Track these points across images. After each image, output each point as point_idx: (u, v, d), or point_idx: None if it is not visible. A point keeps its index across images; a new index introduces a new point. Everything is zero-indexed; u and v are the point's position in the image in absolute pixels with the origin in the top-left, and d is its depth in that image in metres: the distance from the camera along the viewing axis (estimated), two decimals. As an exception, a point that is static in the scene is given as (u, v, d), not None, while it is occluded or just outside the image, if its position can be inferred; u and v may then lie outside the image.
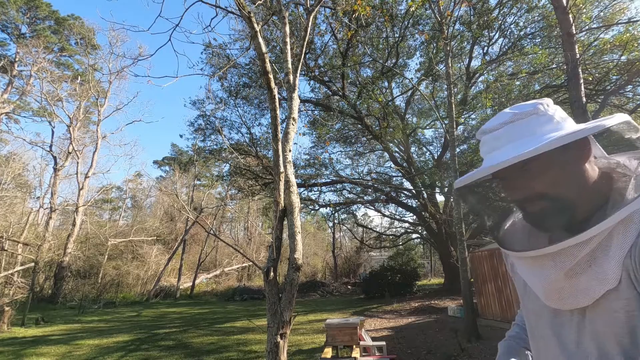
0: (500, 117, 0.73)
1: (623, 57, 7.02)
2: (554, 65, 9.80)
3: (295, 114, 3.72)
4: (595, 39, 8.17)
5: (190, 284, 19.98)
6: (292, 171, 3.53)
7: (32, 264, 13.01)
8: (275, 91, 3.47)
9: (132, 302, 16.97)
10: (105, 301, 15.72)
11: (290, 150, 3.60)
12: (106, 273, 19.12)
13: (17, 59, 20.52)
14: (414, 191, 14.54)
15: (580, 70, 5.91)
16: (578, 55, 5.94)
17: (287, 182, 3.45)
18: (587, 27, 7.91)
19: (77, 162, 19.29)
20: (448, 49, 7.68)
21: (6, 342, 8.01)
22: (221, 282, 22.33)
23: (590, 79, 7.89)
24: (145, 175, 34.87)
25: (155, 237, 21.59)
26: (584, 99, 5.80)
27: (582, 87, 5.88)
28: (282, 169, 3.43)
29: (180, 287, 19.50)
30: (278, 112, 3.47)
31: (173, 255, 20.46)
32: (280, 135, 3.53)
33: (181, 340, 8.03)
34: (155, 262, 20.72)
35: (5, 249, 13.86)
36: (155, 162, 37.33)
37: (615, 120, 0.63)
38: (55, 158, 19.55)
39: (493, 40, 10.93)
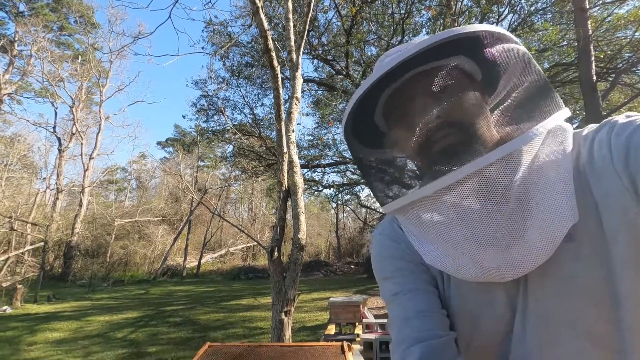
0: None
1: (637, 34, 6.78)
2: (564, 43, 9.51)
3: (299, 94, 3.66)
4: (609, 14, 7.88)
5: (196, 263, 20.38)
6: (295, 152, 3.51)
7: (42, 244, 13.30)
8: (278, 70, 3.41)
9: (139, 280, 17.39)
10: (114, 279, 16.12)
11: (293, 131, 3.57)
12: (114, 252, 19.53)
13: (16, 38, 20.24)
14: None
15: (592, 47, 5.73)
16: (590, 32, 5.75)
17: (291, 162, 3.43)
18: (600, 1, 7.61)
19: (81, 143, 19.36)
20: (456, 25, 7.45)
21: (20, 318, 8.29)
22: (226, 262, 22.75)
23: (602, 56, 7.66)
24: (149, 156, 35.01)
25: (160, 218, 21.88)
26: (594, 77, 5.65)
27: (593, 64, 5.72)
28: (285, 150, 3.41)
29: (187, 266, 19.90)
30: (281, 91, 3.41)
31: (179, 235, 20.78)
32: (283, 116, 3.49)
33: (188, 317, 8.26)
34: (161, 242, 21.09)
35: (15, 229, 14.11)
36: (158, 143, 37.35)
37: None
38: (59, 139, 19.62)
39: (502, 17, 10.57)
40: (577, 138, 0.52)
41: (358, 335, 4.66)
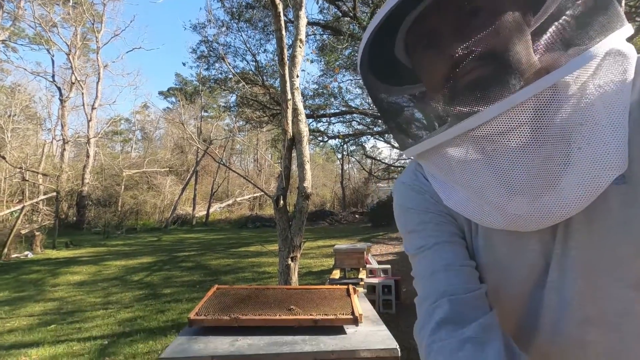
0: None
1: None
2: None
3: (303, 35, 3.43)
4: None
5: (205, 212, 20.99)
6: (299, 99, 3.37)
7: (54, 194, 13.64)
8: (280, 7, 3.16)
9: (151, 228, 18.07)
10: (127, 227, 16.77)
11: (297, 76, 3.40)
12: (125, 202, 20.09)
13: (2, -21, 19.04)
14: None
15: (624, -19, 5.21)
16: (625, -37, 5.18)
17: (295, 110, 3.32)
18: None
19: (82, 93, 19.05)
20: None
21: (42, 263, 8.77)
22: (234, 211, 23.39)
23: (634, -8, 7.00)
24: (151, 106, 34.52)
25: (167, 169, 22.15)
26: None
27: (623, 2, 5.24)
28: (289, 96, 3.28)
29: (196, 215, 20.54)
30: (283, 32, 3.19)
31: (186, 185, 21.17)
32: (286, 60, 3.31)
33: (200, 262, 8.67)
34: (170, 192, 21.58)
35: (27, 179, 14.44)
36: (160, 93, 36.57)
37: None
38: (59, 89, 19.28)
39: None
40: None
41: (362, 279, 4.86)
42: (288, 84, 3.28)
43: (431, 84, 0.49)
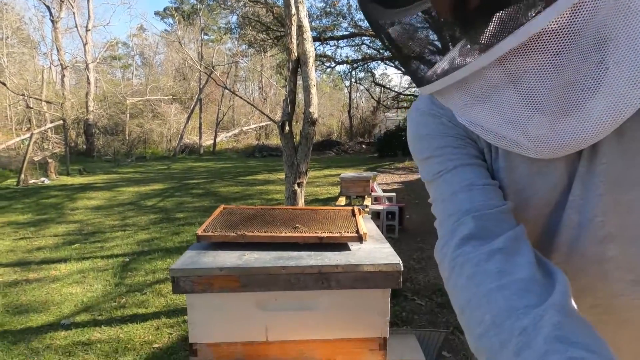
0: None
1: None
2: None
3: (308, -64, 3.01)
4: None
5: (212, 141, 21.03)
6: (305, 14, 3.08)
7: (61, 122, 13.60)
8: None
9: (160, 157, 18.35)
10: (137, 156, 17.03)
11: (302, -13, 3.07)
12: (132, 130, 20.10)
13: None
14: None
15: None
16: None
17: (300, 27, 3.06)
18: None
19: (74, 13, 17.84)
20: None
21: (58, 188, 9.12)
22: (241, 140, 23.41)
23: None
24: (148, 28, 32.52)
25: (171, 97, 21.66)
26: None
27: None
28: (293, 11, 2.99)
29: (203, 144, 20.63)
30: None
31: (191, 114, 20.89)
32: (290, -33, 2.95)
33: (209, 189, 8.93)
34: (175, 120, 21.42)
35: (31, 106, 14.28)
36: (156, 13, 34.29)
37: None
38: (49, 8, 18.03)
39: None
40: None
41: (367, 206, 4.99)
42: (292, -4, 2.98)
43: (441, 5, 0.41)
